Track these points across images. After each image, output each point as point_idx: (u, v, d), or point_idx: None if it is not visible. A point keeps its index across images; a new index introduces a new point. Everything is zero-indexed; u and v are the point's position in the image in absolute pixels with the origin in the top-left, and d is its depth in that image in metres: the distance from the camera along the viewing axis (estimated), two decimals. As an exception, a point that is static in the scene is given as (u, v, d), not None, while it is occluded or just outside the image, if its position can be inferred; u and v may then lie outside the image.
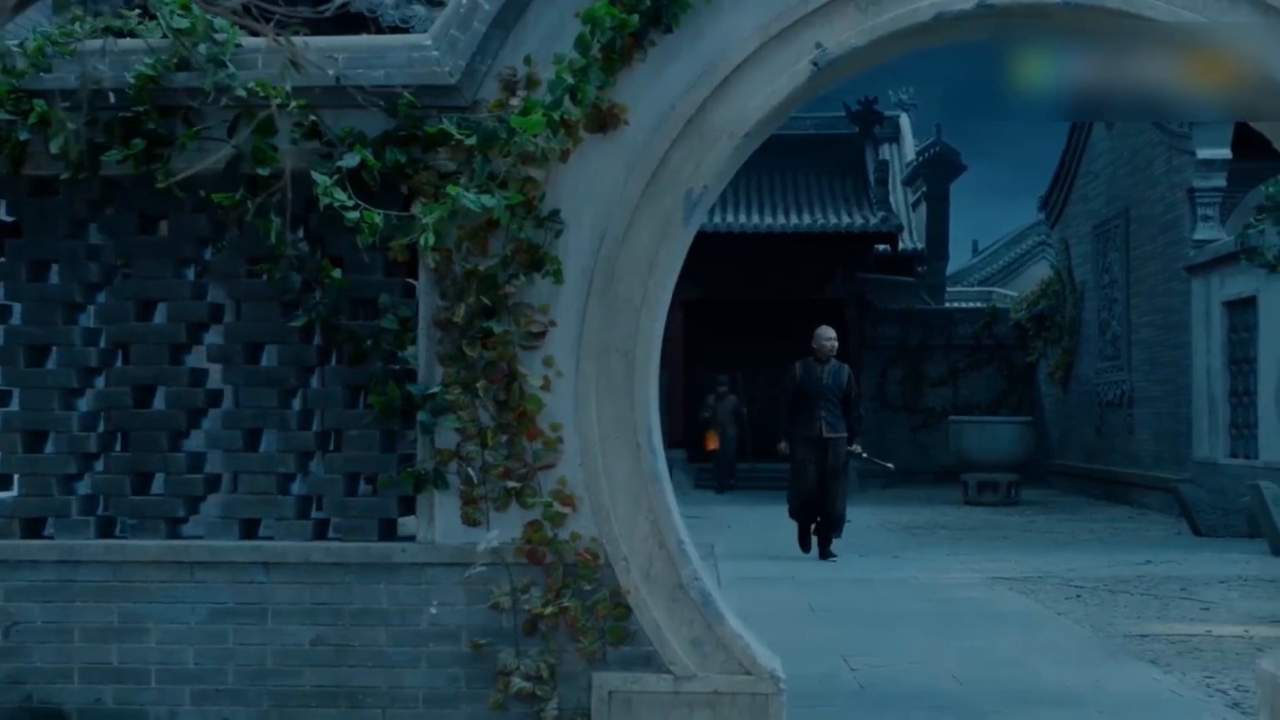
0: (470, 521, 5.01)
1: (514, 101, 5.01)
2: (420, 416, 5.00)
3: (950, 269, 43.77)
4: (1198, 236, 16.35)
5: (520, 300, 5.01)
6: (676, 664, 4.94)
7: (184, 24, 5.04)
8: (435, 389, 4.99)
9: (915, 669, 6.74)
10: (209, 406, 5.27)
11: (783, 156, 25.31)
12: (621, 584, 4.96)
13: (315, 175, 4.87)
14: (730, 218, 23.69)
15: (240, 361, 5.20)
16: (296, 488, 5.22)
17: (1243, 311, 15.18)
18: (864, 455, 12.89)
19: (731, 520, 15.79)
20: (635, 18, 4.91)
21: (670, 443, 23.91)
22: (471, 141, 4.93)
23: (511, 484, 4.99)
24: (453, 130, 4.93)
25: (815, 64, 5.01)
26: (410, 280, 5.17)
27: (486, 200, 4.83)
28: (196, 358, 5.31)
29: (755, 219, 23.59)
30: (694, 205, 5.03)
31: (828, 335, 11.87)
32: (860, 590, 9.75)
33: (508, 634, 4.99)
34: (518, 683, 4.94)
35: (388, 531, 5.17)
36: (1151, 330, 18.15)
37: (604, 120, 5.02)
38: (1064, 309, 22.16)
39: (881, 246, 24.84)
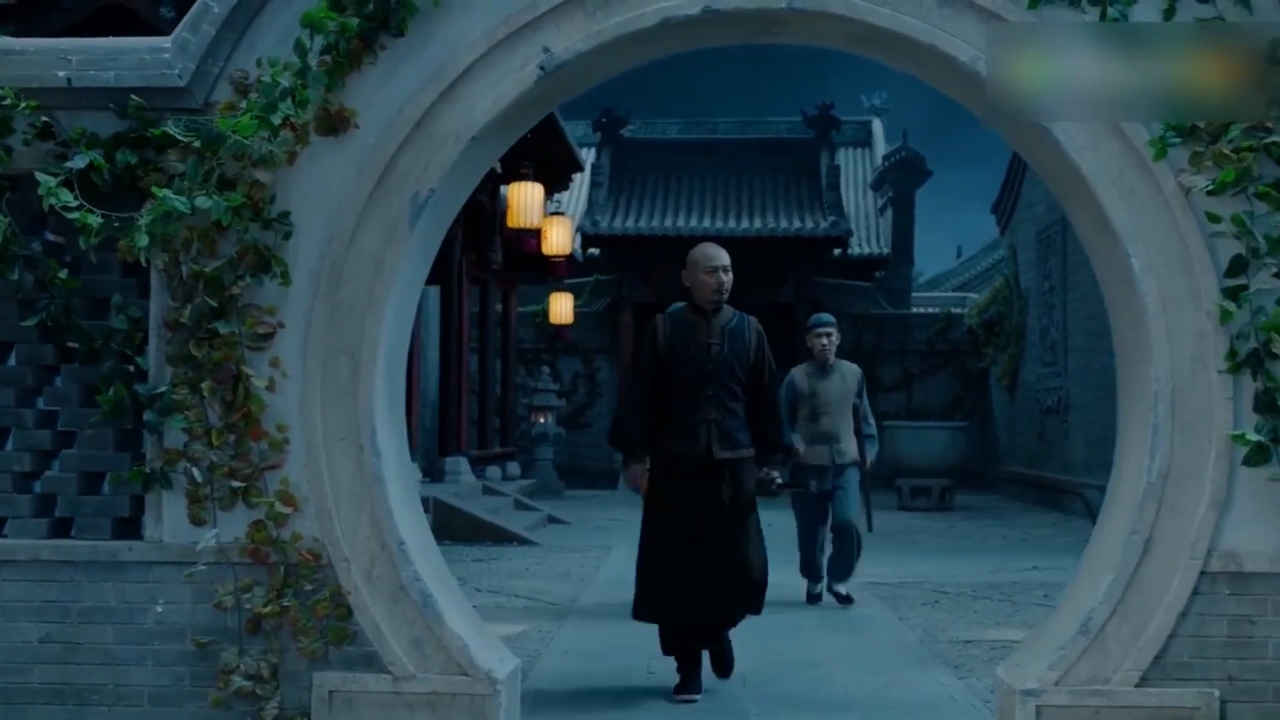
0: (197, 521, 5.04)
1: (244, 104, 5.04)
2: (147, 416, 5.03)
3: (933, 273, 43.84)
4: (1124, 243, 16.30)
5: (249, 302, 5.04)
6: (396, 664, 4.97)
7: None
8: (162, 389, 5.03)
9: (710, 673, 6.74)
10: (-47, 405, 5.30)
11: (739, 161, 25.45)
12: (343, 584, 4.99)
13: (39, 176, 4.90)
14: (681, 221, 23.75)
15: (-20, 361, 5.25)
16: (39, 486, 5.25)
17: (1161, 318, 15.12)
18: (776, 483, 6.62)
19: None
20: (355, 21, 4.94)
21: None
22: (197, 144, 4.96)
23: (237, 484, 5.02)
24: (175, 133, 4.96)
25: (542, 68, 5.04)
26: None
27: (201, 202, 4.86)
28: (-56, 357, 5.34)
29: (707, 223, 23.61)
30: (420, 208, 5.05)
31: (713, 260, 6.27)
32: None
33: (231, 633, 5.02)
34: (238, 681, 4.97)
35: (127, 530, 5.19)
36: (1085, 337, 18.11)
37: (334, 123, 5.05)
38: (1011, 315, 22.15)
39: (838, 251, 24.85)
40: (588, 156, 26.85)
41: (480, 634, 5.23)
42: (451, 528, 13.46)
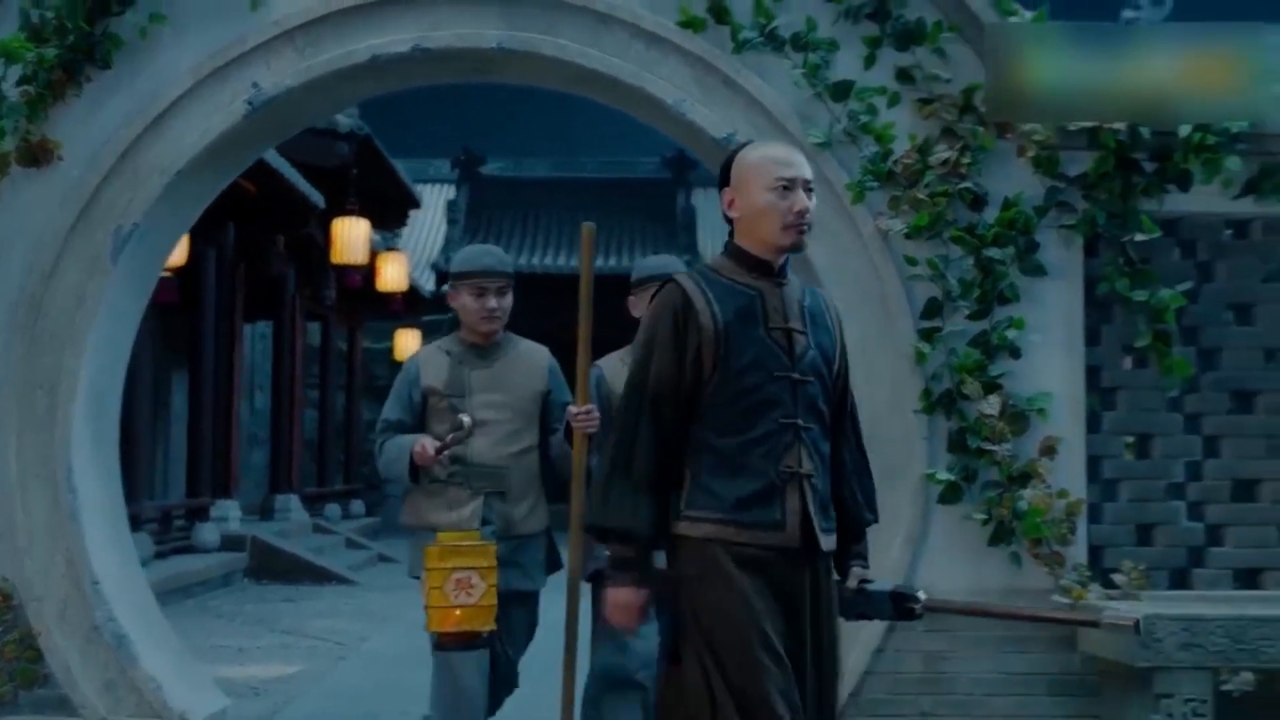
0: (-112, 560, 4.89)
1: (-57, 133, 4.94)
2: None
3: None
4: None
5: (-56, 336, 4.93)
6: (88, 707, 4.84)
7: None
8: None
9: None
10: None
11: (598, 200, 25.54)
12: (34, 625, 4.87)
13: None
14: (538, 259, 23.78)
15: None
16: None
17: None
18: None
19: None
20: (54, 52, 4.88)
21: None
22: (-111, 172, 4.85)
23: (-75, 522, 4.89)
24: None
25: (250, 103, 5.00)
26: None
27: (-116, 232, 4.74)
28: None
29: (562, 260, 23.66)
30: (125, 241, 4.98)
31: (792, 164, 3.03)
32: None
33: (-84, 676, 4.87)
34: (-82, 728, 4.82)
35: None
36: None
37: (35, 154, 4.97)
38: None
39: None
40: (444, 193, 26.82)
41: (183, 675, 5.13)
42: (270, 567, 13.26)
